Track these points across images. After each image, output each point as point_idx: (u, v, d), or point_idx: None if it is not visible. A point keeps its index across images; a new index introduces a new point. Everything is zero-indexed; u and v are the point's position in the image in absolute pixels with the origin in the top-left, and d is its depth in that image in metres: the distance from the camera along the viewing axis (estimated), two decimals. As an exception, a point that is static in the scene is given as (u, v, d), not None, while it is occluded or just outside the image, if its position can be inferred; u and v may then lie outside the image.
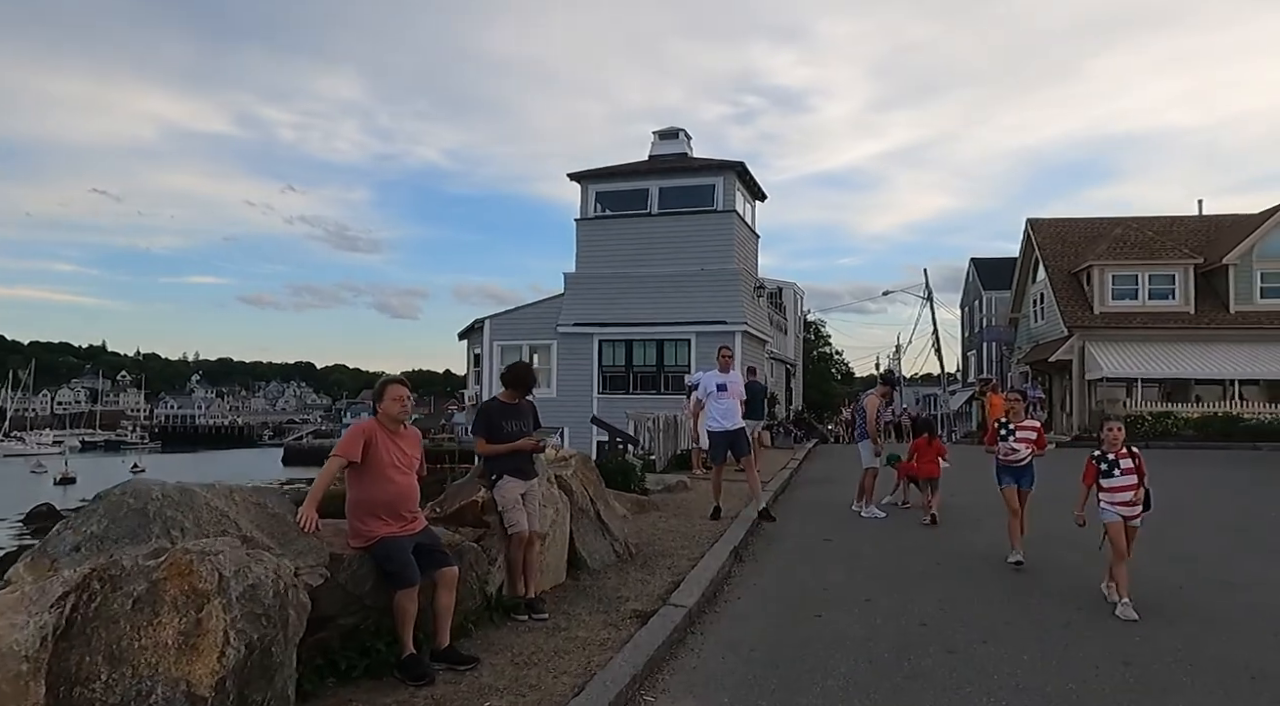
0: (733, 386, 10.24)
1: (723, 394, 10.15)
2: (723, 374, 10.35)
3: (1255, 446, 22.46)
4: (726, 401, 10.15)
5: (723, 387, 10.18)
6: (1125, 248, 28.67)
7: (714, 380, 10.28)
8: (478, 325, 24.72)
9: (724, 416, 10.13)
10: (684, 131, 25.09)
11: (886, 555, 8.54)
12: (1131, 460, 6.52)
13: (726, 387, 10.18)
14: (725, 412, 10.13)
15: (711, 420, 10.22)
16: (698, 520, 10.03)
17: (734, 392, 10.22)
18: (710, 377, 10.43)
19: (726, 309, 22.54)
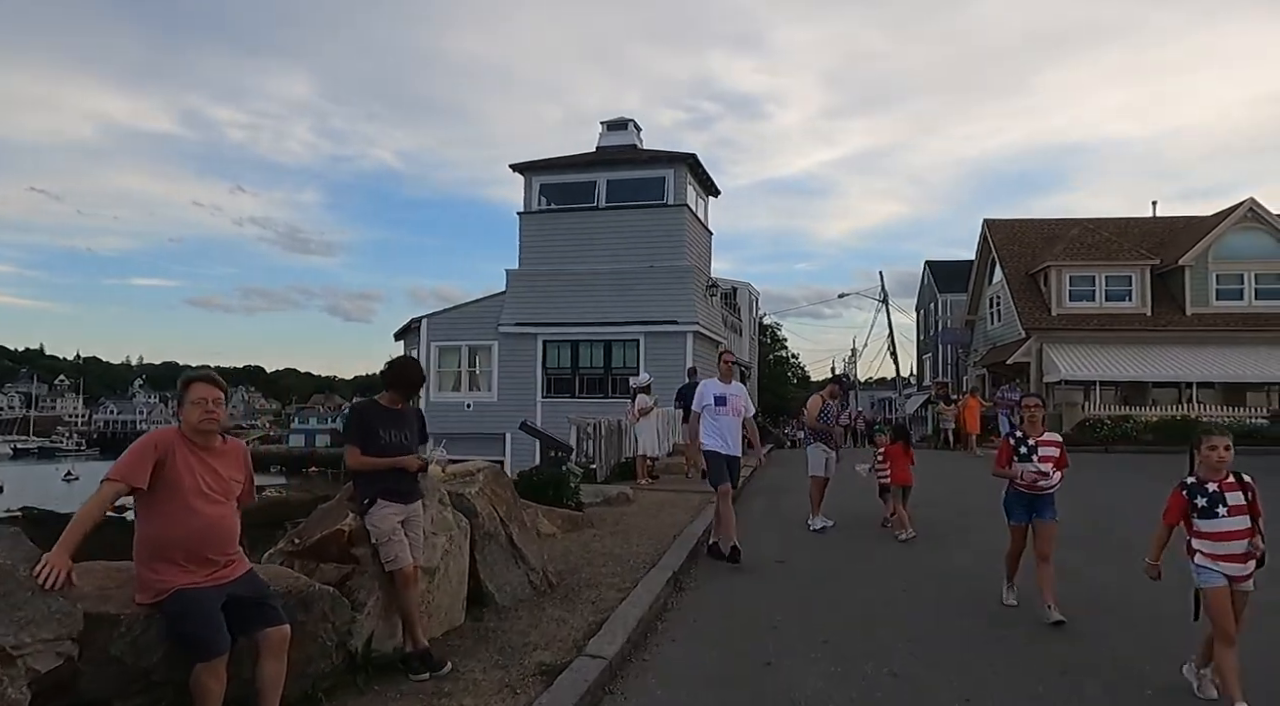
0: (734, 400, 8.22)
1: (721, 409, 8.17)
2: (723, 383, 8.35)
3: (1215, 450, 21.98)
4: (726, 419, 8.20)
5: (722, 401, 8.17)
6: (1082, 248, 28.25)
7: (712, 390, 8.28)
8: (414, 325, 23.33)
9: (723, 436, 8.21)
10: (633, 122, 23.97)
11: (849, 580, 7.49)
12: (1243, 492, 4.47)
13: (727, 401, 8.17)
14: (725, 432, 8.20)
15: (709, 437, 8.29)
16: (636, 539, 8.92)
17: (735, 407, 8.21)
18: (709, 387, 8.37)
19: (678, 308, 21.48)
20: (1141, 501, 11.66)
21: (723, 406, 8.17)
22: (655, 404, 13.60)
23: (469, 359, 23.03)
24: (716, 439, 8.17)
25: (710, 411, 8.21)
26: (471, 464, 6.75)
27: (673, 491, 12.99)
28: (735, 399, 8.25)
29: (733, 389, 8.32)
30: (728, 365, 8.50)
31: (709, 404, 8.20)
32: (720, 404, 8.17)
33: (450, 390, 23.16)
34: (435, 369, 22.99)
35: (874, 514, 10.38)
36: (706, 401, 8.21)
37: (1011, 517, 6.27)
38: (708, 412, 8.22)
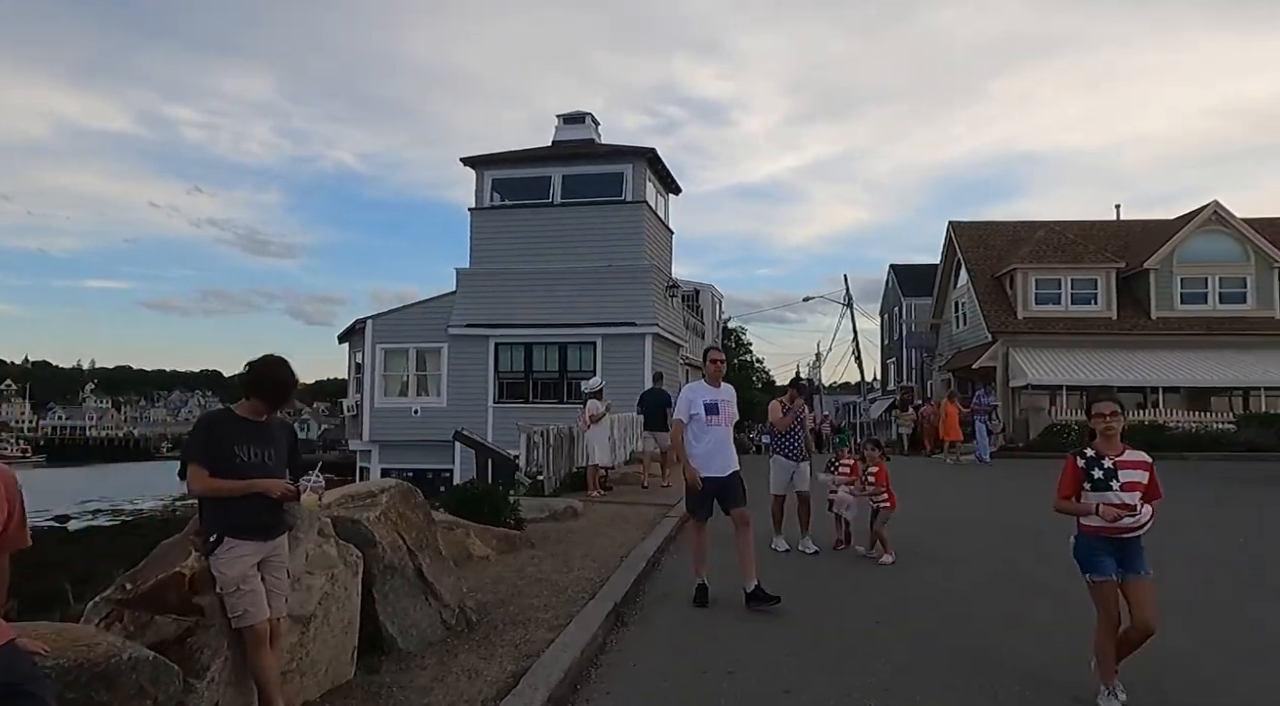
0: (725, 407, 6.86)
1: (713, 419, 6.76)
2: (713, 387, 6.95)
3: (1182, 456, 21.57)
4: (718, 431, 6.78)
5: (713, 409, 6.79)
6: (1049, 250, 27.86)
7: (701, 396, 6.85)
8: (358, 326, 22.14)
9: (711, 452, 6.74)
10: (591, 116, 23.00)
11: (817, 612, 6.61)
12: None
13: (719, 410, 6.80)
14: (713, 448, 6.74)
15: (692, 457, 6.80)
16: (579, 561, 8.01)
17: (728, 416, 6.87)
18: (696, 393, 6.92)
19: (636, 309, 20.56)
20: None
21: (714, 415, 6.75)
22: (608, 410, 12.66)
23: (417, 362, 21.87)
24: (704, 456, 6.71)
25: (699, 422, 6.74)
26: (373, 483, 5.77)
27: (626, 504, 12.09)
28: (728, 406, 6.87)
29: (724, 394, 6.94)
30: (717, 365, 7.01)
31: (698, 413, 6.73)
32: (711, 412, 6.75)
33: (397, 395, 22.00)
34: (381, 372, 21.83)
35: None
36: (695, 410, 6.75)
37: (1091, 569, 4.35)
38: (696, 424, 6.74)
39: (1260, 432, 22.15)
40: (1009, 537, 9.75)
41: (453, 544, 8.00)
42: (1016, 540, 9.53)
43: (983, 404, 19.55)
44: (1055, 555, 7.80)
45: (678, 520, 10.74)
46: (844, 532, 9.05)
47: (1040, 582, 7.29)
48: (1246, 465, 19.50)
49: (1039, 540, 9.33)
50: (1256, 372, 24.82)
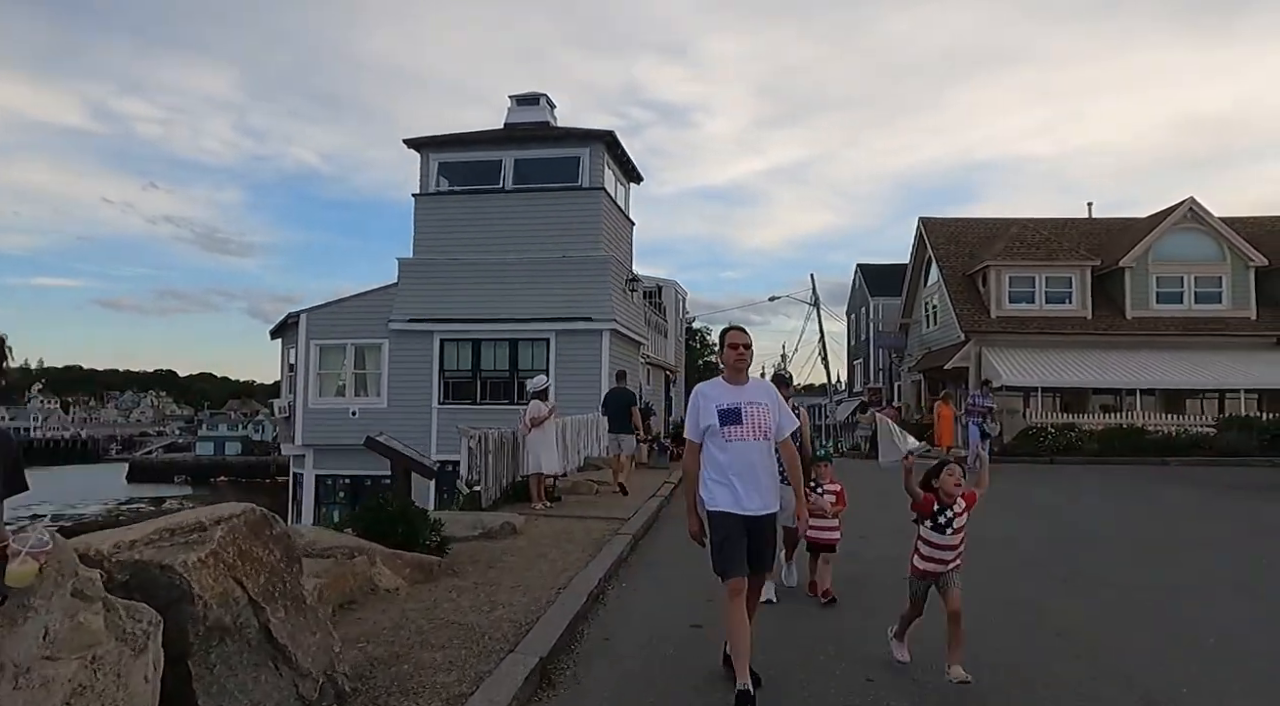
0: (756, 412, 4.62)
1: (733, 431, 4.58)
2: (732, 385, 4.74)
3: (1164, 461, 20.74)
4: (743, 448, 4.57)
5: (733, 416, 4.60)
6: (1022, 247, 26.99)
7: (715, 400, 4.68)
8: (291, 320, 20.48)
9: (738, 479, 4.55)
10: (546, 97, 21.53)
11: (787, 662, 5.26)
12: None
13: (742, 417, 4.59)
14: (742, 472, 4.56)
15: (711, 483, 4.62)
16: (508, 594, 6.64)
17: (758, 423, 4.60)
18: (709, 397, 4.72)
19: (593, 303, 19.18)
20: (1130, 524, 9.66)
21: (734, 425, 4.54)
22: (552, 412, 11.27)
23: (355, 359, 20.28)
24: (726, 488, 4.52)
25: (715, 438, 4.58)
26: (208, 510, 4.32)
27: (574, 518, 10.72)
28: (758, 410, 4.59)
29: (752, 393, 4.68)
30: (739, 353, 4.69)
31: (712, 425, 4.58)
32: (731, 421, 4.54)
33: (333, 395, 20.35)
34: (316, 370, 20.19)
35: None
36: (708, 421, 4.59)
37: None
38: (712, 442, 4.60)
39: (1241, 437, 21.35)
40: (1008, 557, 8.52)
41: (351, 576, 6.60)
42: (1025, 562, 8.30)
43: (978, 406, 18.35)
44: (1079, 585, 6.59)
45: (630, 538, 9.41)
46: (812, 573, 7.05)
47: (1067, 622, 6.03)
48: (1234, 471, 18.63)
49: (1052, 562, 8.13)
50: (1235, 375, 24.10)
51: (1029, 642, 5.61)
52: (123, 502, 60.84)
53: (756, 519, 4.58)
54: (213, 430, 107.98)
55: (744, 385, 4.75)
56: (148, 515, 32.91)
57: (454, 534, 9.04)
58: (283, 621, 4.20)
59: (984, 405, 18.22)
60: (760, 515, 4.58)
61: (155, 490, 68.88)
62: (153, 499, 61.75)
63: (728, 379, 4.79)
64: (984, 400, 18.36)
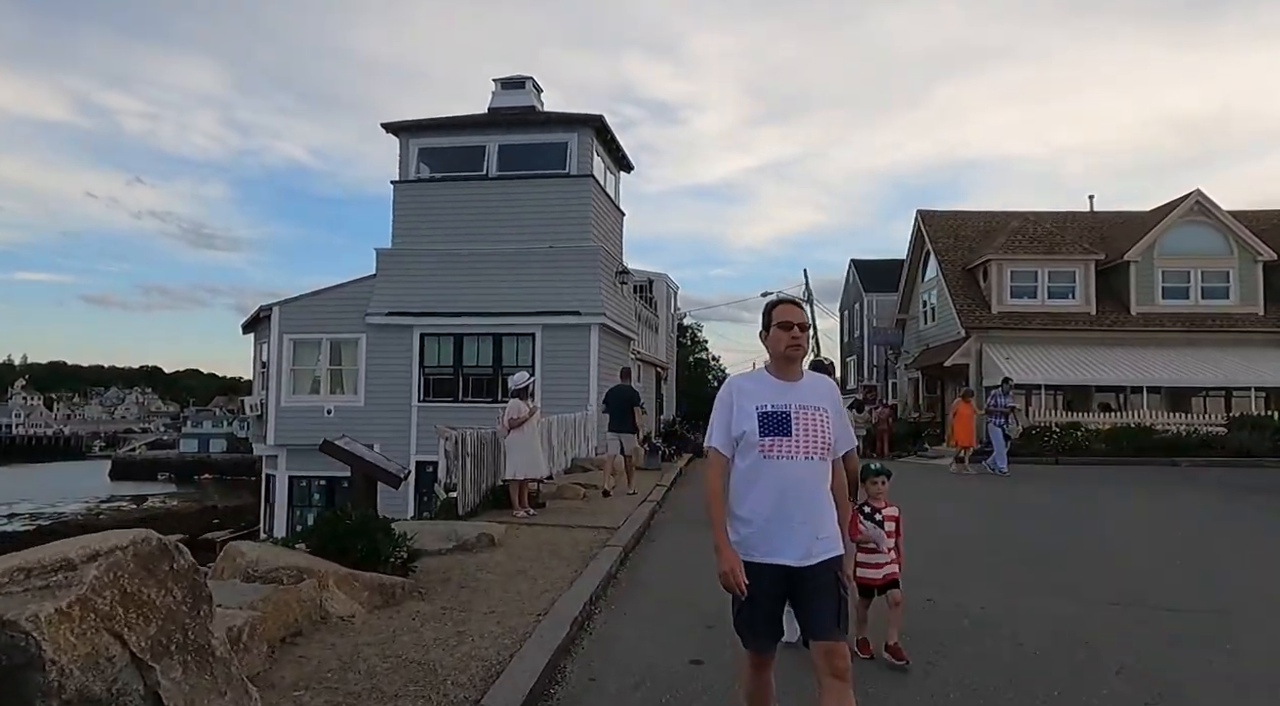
0: (809, 418, 3.30)
1: (778, 444, 3.26)
2: (780, 380, 3.40)
3: (1173, 461, 19.99)
4: (784, 469, 3.26)
5: (779, 424, 3.28)
6: (1024, 241, 26.21)
7: (755, 398, 3.35)
8: (264, 314, 19.48)
9: (774, 515, 3.24)
10: (532, 80, 20.56)
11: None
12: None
13: (790, 424, 3.27)
14: (779, 504, 3.24)
15: (736, 519, 3.32)
16: (478, 623, 5.78)
17: (813, 434, 3.29)
18: (744, 392, 3.39)
19: (581, 296, 18.27)
20: (1157, 531, 8.64)
21: (778, 436, 3.27)
22: (534, 412, 10.38)
23: (331, 355, 19.32)
24: (754, 529, 3.27)
25: (748, 453, 3.32)
26: (83, 543, 3.40)
27: (558, 527, 9.84)
28: (813, 417, 3.31)
29: (807, 393, 3.37)
30: (793, 336, 3.37)
31: (747, 431, 3.30)
32: (775, 431, 3.27)
33: (307, 392, 19.36)
34: (289, 367, 19.21)
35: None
36: (744, 426, 3.31)
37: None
38: (743, 458, 3.33)
39: (1254, 436, 20.61)
40: (1039, 575, 7.67)
41: (296, 604, 5.68)
42: (1058, 581, 7.45)
43: (1000, 405, 17.50)
44: (1124, 608, 5.71)
45: (620, 550, 8.54)
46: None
47: (1122, 655, 5.17)
48: (1248, 473, 17.88)
49: (1086, 580, 7.26)
50: (1245, 372, 23.36)
51: (1090, 686, 4.74)
52: (104, 500, 59.72)
53: (800, 573, 3.19)
54: (197, 427, 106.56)
55: (796, 382, 3.37)
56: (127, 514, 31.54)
57: (424, 547, 8.14)
58: (179, 682, 3.31)
59: (1006, 405, 17.39)
60: (805, 567, 3.19)
61: (138, 488, 67.72)
62: (135, 496, 60.67)
63: (774, 371, 3.39)
64: (1005, 399, 17.52)
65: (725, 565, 3.25)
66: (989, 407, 17.84)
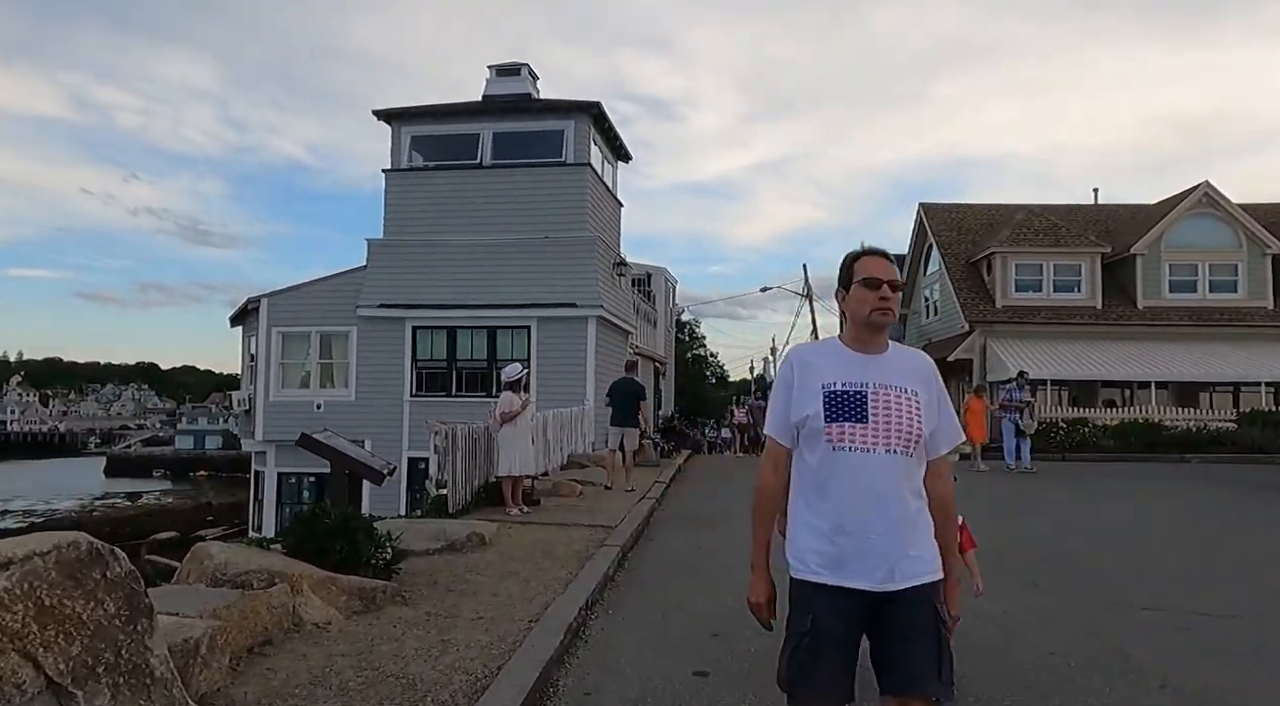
0: (900, 403, 2.48)
1: (854, 431, 2.45)
2: (858, 352, 2.56)
3: (1183, 458, 19.59)
4: (864, 465, 2.44)
5: (853, 407, 2.47)
6: (1029, 233, 25.76)
7: (824, 374, 2.53)
8: (252, 306, 19.01)
9: (848, 523, 2.43)
10: (528, 68, 20.05)
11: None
12: None
13: (866, 408, 2.46)
14: (856, 513, 2.43)
15: (800, 525, 2.53)
16: (465, 630, 5.36)
17: (901, 425, 2.45)
18: (817, 363, 2.57)
19: (578, 288, 17.81)
20: (1176, 530, 8.05)
21: (851, 422, 2.46)
22: (526, 405, 9.95)
23: (320, 348, 18.84)
24: (822, 538, 2.46)
25: (813, 442, 2.51)
26: (10, 543, 2.94)
27: (553, 525, 9.41)
28: (898, 399, 2.49)
29: (891, 369, 2.55)
30: (881, 296, 2.53)
31: (810, 416, 2.50)
32: (846, 414, 2.47)
33: (297, 387, 18.89)
34: (277, 360, 18.73)
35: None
36: (806, 407, 2.51)
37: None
38: (808, 448, 2.53)
39: (1266, 433, 20.20)
40: (1062, 577, 7.23)
41: (266, 611, 5.22)
42: (1080, 583, 7.00)
43: (1015, 400, 17.05)
44: (1155, 614, 5.26)
45: (617, 550, 8.10)
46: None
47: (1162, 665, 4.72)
48: (1261, 469, 17.46)
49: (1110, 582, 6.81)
50: (1254, 367, 22.95)
51: (1133, 701, 4.30)
52: (98, 497, 59.23)
53: (882, 601, 2.41)
54: (193, 423, 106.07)
55: (879, 354, 2.57)
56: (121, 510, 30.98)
57: (411, 547, 7.71)
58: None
59: (1021, 399, 16.94)
60: (889, 593, 2.40)
61: (133, 485, 67.18)
62: (129, 493, 60.17)
63: (850, 340, 2.60)
64: (1020, 393, 17.07)
65: (753, 593, 2.64)
66: (1003, 403, 17.41)
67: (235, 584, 5.49)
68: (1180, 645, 5.28)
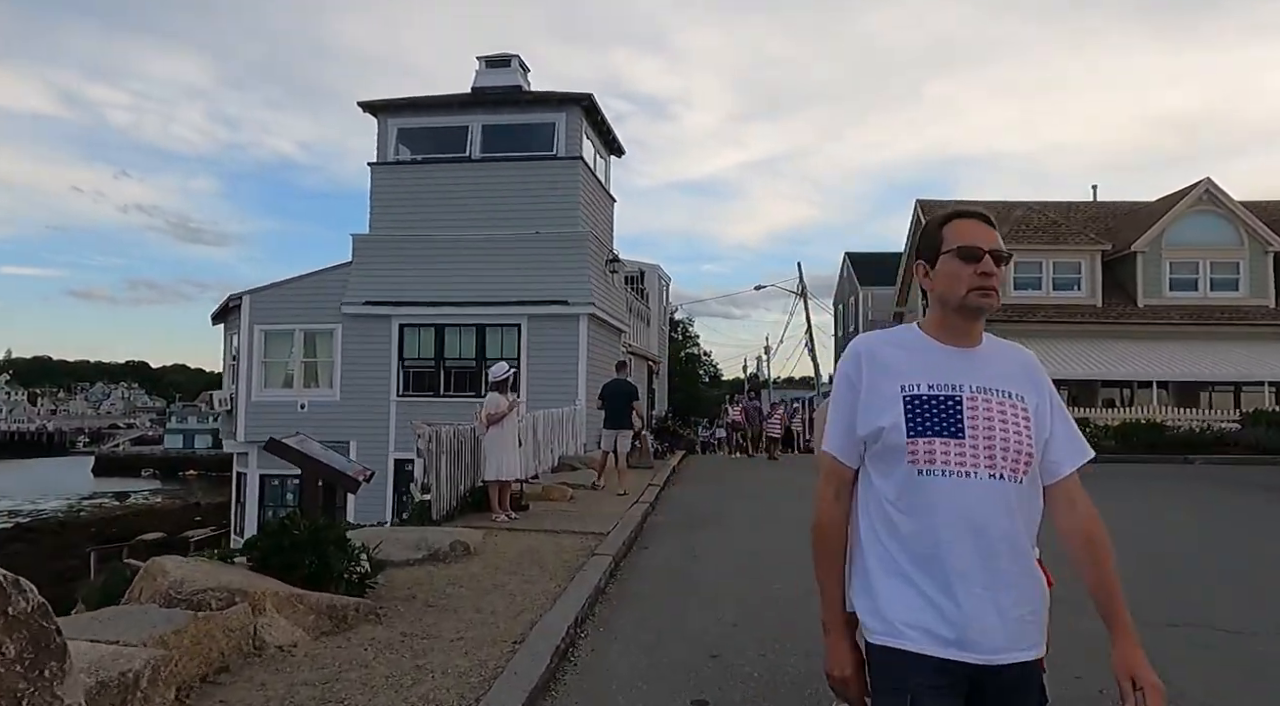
0: (1005, 413, 1.88)
1: (943, 450, 1.84)
2: (946, 344, 1.95)
3: (1186, 459, 19.24)
4: (965, 493, 1.82)
5: (943, 412, 1.86)
6: (1029, 231, 25.45)
7: (904, 373, 1.92)
8: (234, 303, 18.49)
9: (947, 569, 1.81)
10: (519, 59, 19.56)
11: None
12: None
13: (957, 416, 1.86)
14: (957, 556, 1.81)
15: (879, 572, 1.88)
16: (443, 653, 4.95)
17: (1009, 442, 1.85)
18: (890, 359, 1.96)
19: (570, 285, 17.35)
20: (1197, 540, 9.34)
21: (944, 437, 1.85)
22: (513, 407, 9.49)
23: (304, 346, 18.33)
24: (911, 588, 1.84)
25: (897, 460, 1.87)
26: None
27: (542, 532, 8.97)
28: (999, 407, 1.88)
29: (989, 369, 1.94)
30: (982, 276, 1.97)
31: (886, 428, 1.88)
32: (935, 430, 1.85)
33: (279, 386, 18.39)
34: (260, 359, 18.22)
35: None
36: (880, 417, 1.89)
37: None
38: (888, 467, 1.89)
39: (1270, 433, 19.84)
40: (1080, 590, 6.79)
41: (222, 634, 4.77)
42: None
43: None
44: (1194, 636, 4.81)
45: (609, 560, 7.66)
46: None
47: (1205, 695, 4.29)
48: (1267, 470, 17.10)
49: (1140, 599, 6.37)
50: (1255, 366, 22.63)
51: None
52: (85, 497, 58.55)
53: (989, 677, 1.83)
54: (182, 422, 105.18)
55: (973, 348, 1.98)
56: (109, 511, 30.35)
57: (390, 557, 7.27)
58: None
59: None
60: (998, 667, 1.82)
61: (122, 484, 66.50)
62: (118, 493, 59.51)
63: (937, 329, 1.99)
64: None
65: (833, 664, 1.98)
66: None
67: (191, 603, 5.04)
68: (1215, 667, 4.91)
